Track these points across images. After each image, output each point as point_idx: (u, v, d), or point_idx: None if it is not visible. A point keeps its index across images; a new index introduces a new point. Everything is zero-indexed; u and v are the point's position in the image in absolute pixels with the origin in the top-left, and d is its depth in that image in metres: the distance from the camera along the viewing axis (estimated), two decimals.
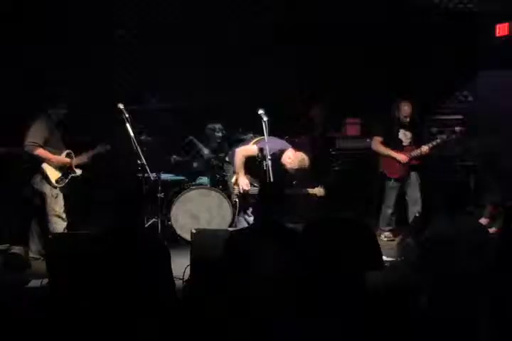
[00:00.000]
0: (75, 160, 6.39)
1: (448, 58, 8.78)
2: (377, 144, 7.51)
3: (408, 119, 7.39)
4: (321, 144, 8.50)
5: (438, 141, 7.34)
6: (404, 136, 7.46)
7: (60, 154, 6.25)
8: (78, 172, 6.43)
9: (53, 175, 6.17)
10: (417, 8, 9.19)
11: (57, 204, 6.19)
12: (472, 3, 9.20)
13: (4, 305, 4.88)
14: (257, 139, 6.45)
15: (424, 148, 7.30)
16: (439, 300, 4.14)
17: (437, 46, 8.82)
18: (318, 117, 8.78)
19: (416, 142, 7.42)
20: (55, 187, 6.16)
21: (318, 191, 6.35)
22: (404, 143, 7.45)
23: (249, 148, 6.34)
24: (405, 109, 7.37)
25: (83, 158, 6.49)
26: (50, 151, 6.16)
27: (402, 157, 7.37)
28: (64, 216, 6.23)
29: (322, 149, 8.40)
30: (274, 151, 6.21)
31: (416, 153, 7.34)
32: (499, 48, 8.27)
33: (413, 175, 7.45)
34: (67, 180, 6.29)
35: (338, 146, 8.44)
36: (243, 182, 6.27)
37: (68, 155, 6.34)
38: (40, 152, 6.08)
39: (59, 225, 6.16)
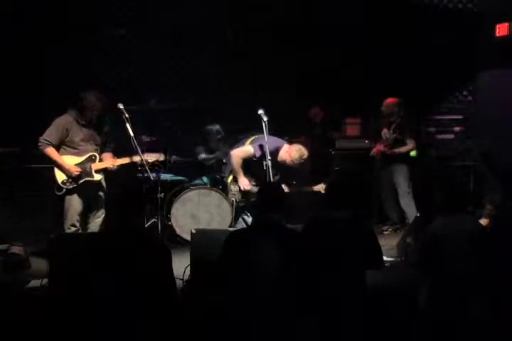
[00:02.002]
0: (98, 165, 6.12)
1: (448, 58, 8.78)
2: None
3: (387, 116, 7.59)
4: (321, 144, 8.50)
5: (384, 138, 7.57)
6: (384, 133, 7.65)
7: (82, 154, 6.12)
8: (97, 177, 6.13)
9: (61, 175, 6.05)
10: (417, 8, 9.19)
11: (70, 208, 6.08)
12: (472, 3, 9.20)
13: (4, 305, 4.89)
14: (251, 139, 6.44)
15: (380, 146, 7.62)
16: (439, 300, 4.14)
17: (437, 46, 8.82)
18: (318, 117, 8.79)
19: (391, 140, 7.57)
20: (61, 189, 6.09)
21: (322, 188, 6.36)
22: (383, 139, 7.68)
23: (245, 150, 6.32)
24: (384, 104, 7.63)
25: (107, 164, 6.17)
26: (70, 152, 6.08)
27: (372, 150, 7.81)
28: (76, 220, 6.07)
29: (322, 149, 8.40)
30: (271, 150, 6.20)
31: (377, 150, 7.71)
32: (499, 48, 8.27)
33: (395, 174, 7.56)
34: (76, 184, 6.06)
35: (338, 146, 8.44)
36: (243, 183, 6.27)
37: (89, 159, 6.14)
38: (50, 151, 6.00)
39: (68, 229, 6.12)
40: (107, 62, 8.71)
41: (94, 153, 6.17)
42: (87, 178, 6.10)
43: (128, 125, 6.23)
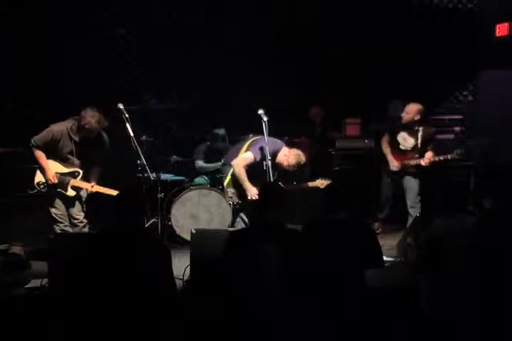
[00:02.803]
0: (76, 182, 6.11)
1: (448, 58, 8.78)
2: (383, 142, 7.47)
3: (408, 122, 7.15)
4: (321, 144, 8.50)
5: (441, 158, 7.02)
6: (404, 140, 7.27)
7: (68, 166, 6.10)
8: (70, 193, 6.12)
9: (40, 176, 6.09)
10: (417, 8, 9.20)
11: (52, 206, 6.12)
12: (472, 3, 9.21)
13: (4, 305, 4.89)
14: (249, 142, 6.41)
15: (425, 161, 7.08)
16: (440, 300, 4.14)
17: (437, 46, 8.82)
18: (318, 117, 8.79)
19: (420, 150, 7.19)
20: (33, 188, 6.08)
21: (320, 183, 6.34)
22: (402, 147, 7.27)
23: (245, 157, 6.28)
24: (405, 111, 7.17)
25: (85, 186, 6.15)
26: (58, 160, 6.07)
27: (394, 164, 7.28)
28: (60, 218, 6.11)
29: (322, 149, 8.40)
30: (268, 152, 6.19)
31: (413, 162, 7.17)
32: (499, 48, 8.27)
33: (411, 180, 7.28)
34: (49, 190, 6.07)
35: (338, 146, 8.43)
36: (252, 193, 6.17)
37: (72, 173, 6.13)
38: (38, 154, 6.03)
39: (56, 226, 6.15)
40: (107, 62, 8.71)
41: (79, 170, 6.15)
42: (60, 190, 6.11)
43: (128, 125, 6.23)
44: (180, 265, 5.27)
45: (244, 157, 6.29)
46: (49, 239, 5.55)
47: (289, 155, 6.25)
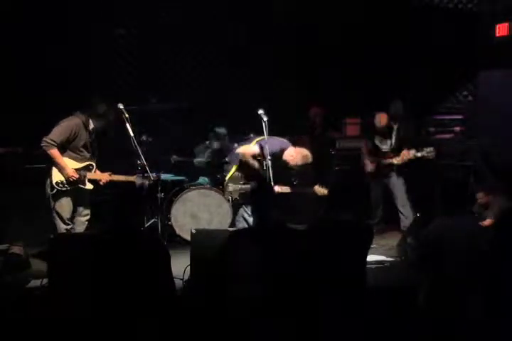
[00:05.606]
0: (93, 175, 6.19)
1: (448, 58, 8.79)
2: (363, 146, 7.67)
3: (383, 128, 7.41)
4: (321, 144, 8.49)
5: (411, 155, 7.21)
6: (381, 143, 7.52)
7: (81, 161, 6.16)
8: (89, 186, 6.20)
9: (57, 176, 6.08)
10: (417, 8, 9.20)
11: (60, 207, 6.11)
12: (472, 3, 9.21)
13: (4, 305, 4.89)
14: (257, 139, 6.47)
15: (397, 159, 7.32)
16: (439, 299, 4.14)
17: (437, 46, 8.82)
18: (318, 117, 8.78)
19: (396, 149, 7.40)
20: (53, 188, 6.10)
21: (317, 190, 6.37)
22: (383, 149, 7.51)
23: (251, 149, 6.37)
24: (378, 120, 7.40)
25: (102, 177, 6.23)
26: (70, 156, 6.10)
27: (368, 164, 7.54)
28: (66, 218, 6.12)
29: (322, 149, 8.40)
30: (275, 151, 6.24)
31: (387, 162, 7.41)
32: (499, 48, 8.27)
33: (396, 180, 7.43)
34: (69, 188, 6.09)
35: (338, 146, 8.44)
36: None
37: (87, 167, 6.19)
38: (54, 152, 5.99)
39: (59, 226, 6.14)
40: (107, 62, 8.71)
41: (92, 163, 6.22)
42: (79, 185, 6.15)
43: (128, 125, 6.24)
44: (180, 265, 5.27)
45: (250, 148, 6.44)
46: (49, 239, 5.55)
47: (296, 155, 6.32)
